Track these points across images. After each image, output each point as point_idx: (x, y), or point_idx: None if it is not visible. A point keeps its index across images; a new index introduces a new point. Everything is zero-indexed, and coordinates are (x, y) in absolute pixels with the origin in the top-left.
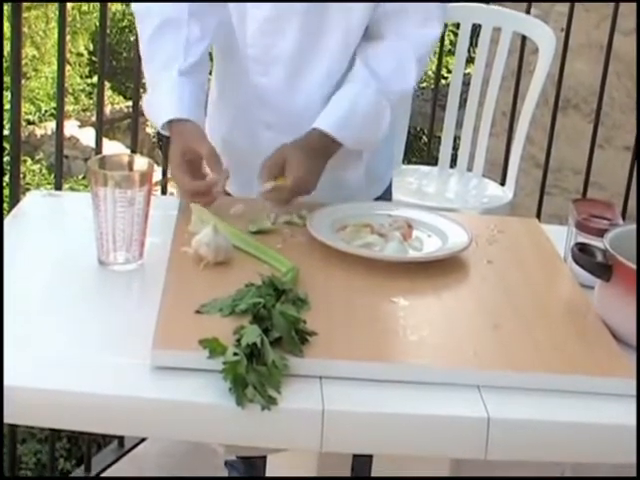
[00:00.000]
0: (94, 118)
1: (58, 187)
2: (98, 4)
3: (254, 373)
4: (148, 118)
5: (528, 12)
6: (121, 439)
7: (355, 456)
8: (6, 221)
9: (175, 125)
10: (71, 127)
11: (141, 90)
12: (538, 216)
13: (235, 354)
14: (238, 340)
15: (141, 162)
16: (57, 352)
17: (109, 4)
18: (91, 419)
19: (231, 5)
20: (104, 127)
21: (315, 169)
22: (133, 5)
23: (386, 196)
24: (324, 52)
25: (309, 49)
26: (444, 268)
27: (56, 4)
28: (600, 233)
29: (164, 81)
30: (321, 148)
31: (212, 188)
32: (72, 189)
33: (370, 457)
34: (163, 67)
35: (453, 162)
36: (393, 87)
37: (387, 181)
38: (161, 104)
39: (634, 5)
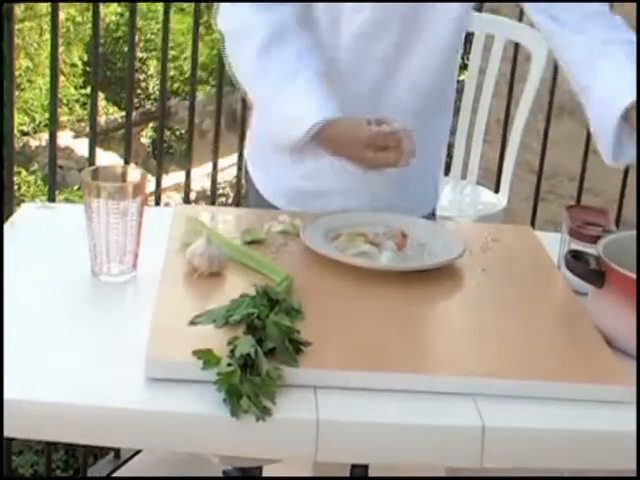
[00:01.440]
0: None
1: (52, 199)
2: (91, 15)
3: (248, 384)
4: (277, 135)
5: (521, 19)
6: (117, 450)
7: (353, 466)
8: None
9: (330, 125)
10: (66, 138)
11: (135, 100)
12: (533, 222)
13: (229, 365)
14: (232, 351)
15: (134, 173)
16: (51, 364)
17: (102, 14)
18: (86, 431)
19: (321, 10)
20: (99, 137)
21: None
22: (226, 25)
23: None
24: (414, 56)
25: (403, 50)
26: (438, 277)
27: (49, 15)
28: (593, 240)
29: (297, 86)
30: None
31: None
32: (67, 200)
33: (366, 467)
34: (286, 78)
35: (447, 170)
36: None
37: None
38: (302, 109)
39: (629, 10)
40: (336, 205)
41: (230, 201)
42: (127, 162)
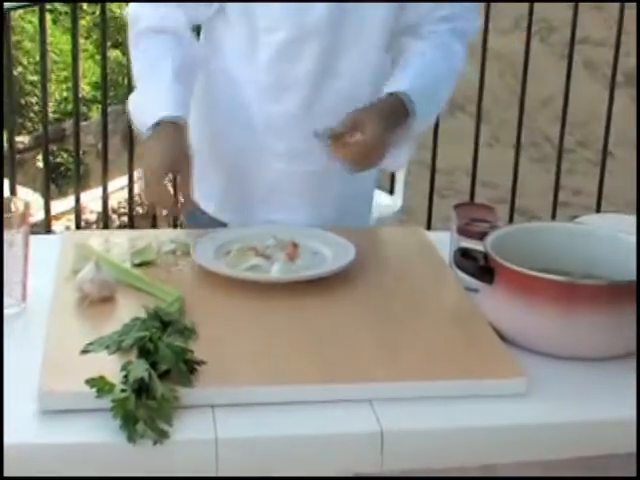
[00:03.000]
0: None
1: None
2: None
3: (144, 408)
4: (133, 117)
5: None
6: None
7: None
8: None
9: (165, 126)
10: None
11: (29, 124)
12: (429, 221)
13: (123, 391)
14: (126, 376)
15: (18, 203)
16: None
17: None
18: None
19: (237, 33)
20: None
21: (389, 130)
22: (128, 11)
23: None
24: (340, 74)
25: (325, 72)
26: (331, 284)
27: None
28: (481, 236)
29: (154, 79)
30: (393, 111)
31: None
32: None
33: None
34: (151, 65)
35: None
36: (462, 26)
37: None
38: (151, 102)
39: (510, 4)
40: (279, 217)
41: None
42: (13, 192)
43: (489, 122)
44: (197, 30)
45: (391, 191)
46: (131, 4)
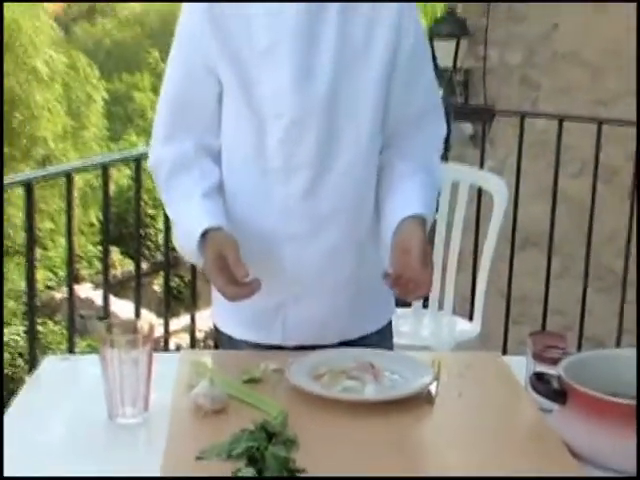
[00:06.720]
0: None
1: (71, 350)
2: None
3: None
4: (182, 253)
5: (482, 166)
6: None
7: None
8: (25, 386)
9: (208, 237)
10: (86, 289)
11: (147, 252)
12: (505, 346)
13: None
14: None
15: (143, 324)
16: None
17: (114, 178)
18: None
19: (246, 121)
20: (116, 287)
21: (429, 252)
22: (149, 162)
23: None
24: (339, 153)
25: (325, 151)
26: (416, 403)
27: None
28: (555, 362)
29: (187, 208)
30: (423, 234)
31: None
32: (90, 346)
33: None
34: (182, 198)
35: (425, 302)
36: (434, 172)
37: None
38: (190, 225)
39: (578, 149)
40: (297, 314)
41: None
42: (138, 310)
43: (559, 255)
44: None
45: (470, 317)
46: (150, 153)
